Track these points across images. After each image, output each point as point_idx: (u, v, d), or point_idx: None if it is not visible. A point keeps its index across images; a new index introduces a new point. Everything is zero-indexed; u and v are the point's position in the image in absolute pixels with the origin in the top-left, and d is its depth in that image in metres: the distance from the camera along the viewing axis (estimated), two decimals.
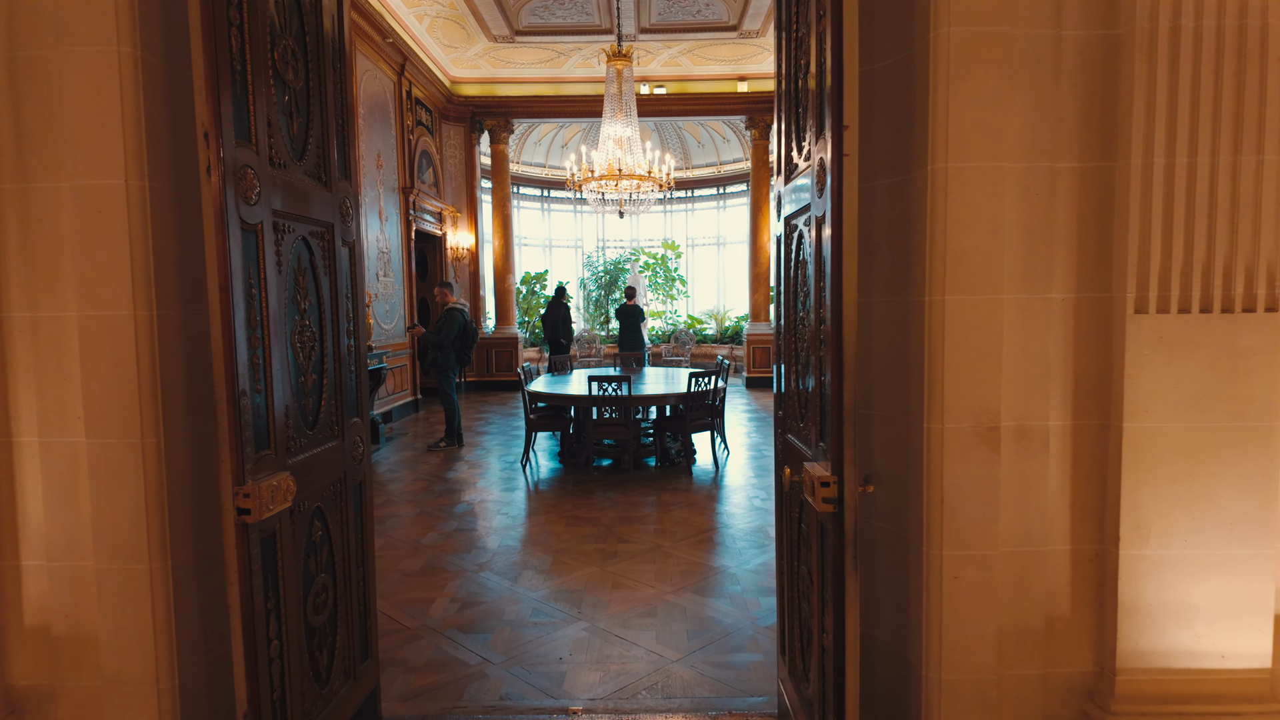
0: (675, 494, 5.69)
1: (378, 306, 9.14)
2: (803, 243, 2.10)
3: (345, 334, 2.37)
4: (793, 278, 2.23)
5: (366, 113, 8.92)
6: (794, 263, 2.20)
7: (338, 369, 2.31)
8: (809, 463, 1.94)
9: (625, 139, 7.20)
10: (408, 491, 5.92)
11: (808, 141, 1.98)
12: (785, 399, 2.34)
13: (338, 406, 2.32)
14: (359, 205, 2.48)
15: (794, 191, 2.14)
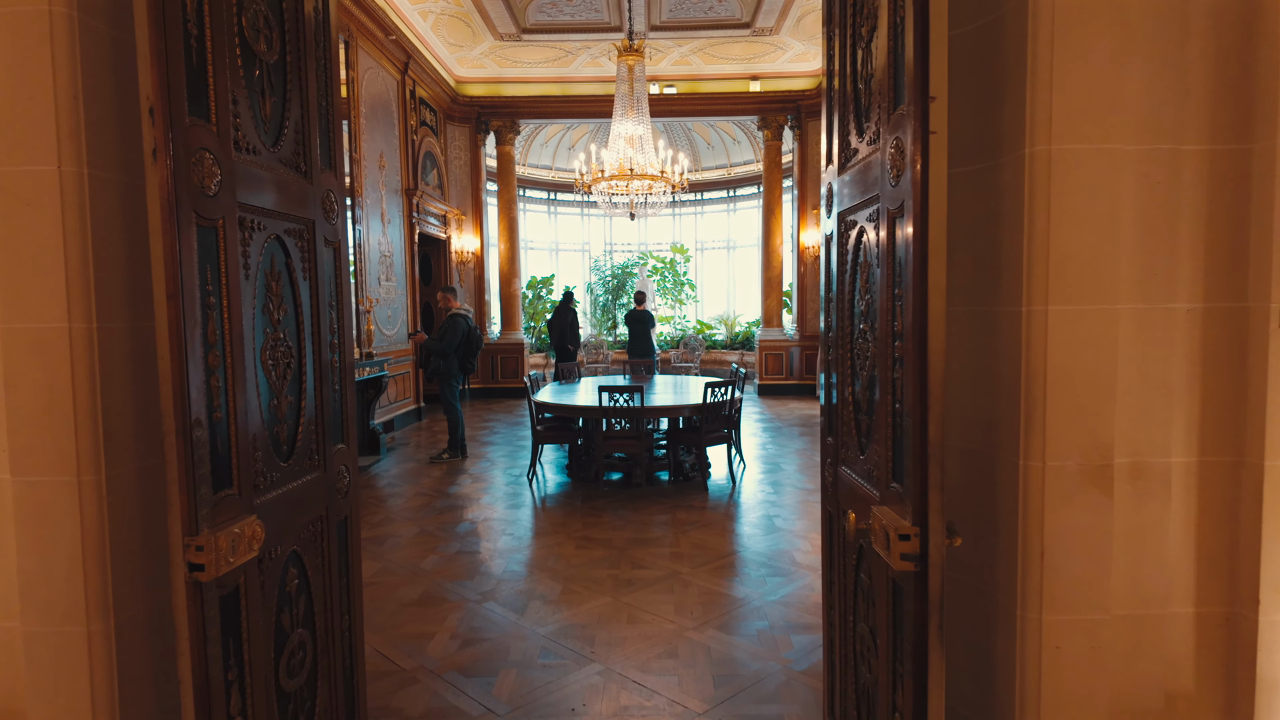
0: (690, 512, 5.36)
1: (379, 312, 8.85)
2: (863, 241, 1.78)
3: (328, 348, 2.05)
4: (848, 281, 1.91)
5: (368, 112, 8.65)
6: (851, 264, 1.87)
7: (319, 389, 2.00)
8: (878, 507, 1.61)
9: (637, 137, 6.90)
10: (408, 508, 5.60)
11: (874, 120, 1.66)
12: (837, 422, 2.02)
13: (319, 433, 2.01)
14: (345, 200, 2.17)
15: (853, 181, 1.82)
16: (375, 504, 5.75)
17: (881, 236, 1.62)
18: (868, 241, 1.74)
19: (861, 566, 1.85)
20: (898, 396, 1.55)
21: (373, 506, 5.67)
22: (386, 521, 5.24)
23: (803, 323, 12.21)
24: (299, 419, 1.92)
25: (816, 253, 11.97)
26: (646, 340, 10.49)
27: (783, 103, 11.90)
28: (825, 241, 2.09)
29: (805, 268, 12.18)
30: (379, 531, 4.99)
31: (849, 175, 1.86)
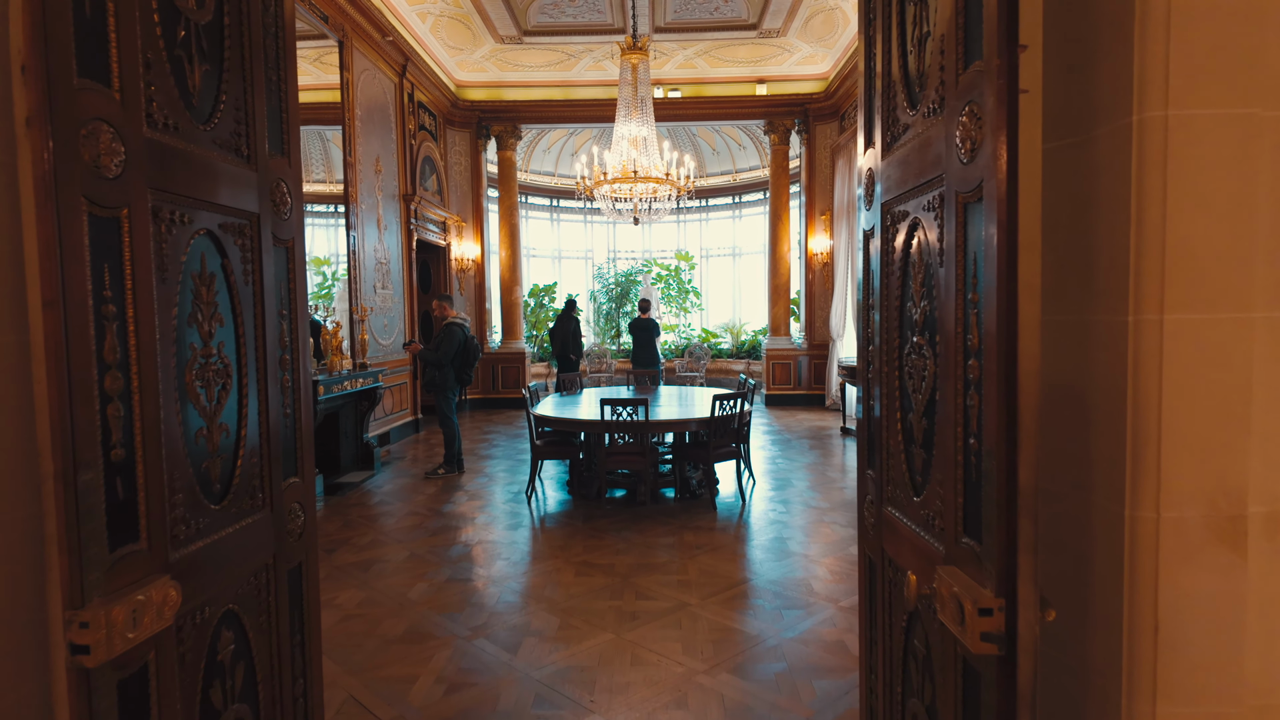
0: (698, 534, 5.02)
1: (375, 321, 8.55)
2: (917, 235, 1.46)
3: (279, 365, 1.74)
4: (895, 283, 1.59)
5: (364, 115, 8.38)
6: (899, 263, 1.56)
7: (265, 414, 1.69)
8: (945, 567, 1.28)
9: (641, 139, 6.61)
10: (399, 529, 5.28)
11: (933, 86, 1.35)
12: (880, 453, 1.69)
13: (264, 466, 1.69)
14: (301, 192, 1.86)
15: (903, 164, 1.50)
16: (365, 523, 5.44)
17: (946, 228, 1.30)
18: (924, 235, 1.42)
19: (914, 630, 1.52)
20: (971, 429, 1.23)
21: (362, 526, 5.35)
22: (375, 544, 4.92)
23: (811, 331, 11.88)
24: (238, 451, 1.60)
25: (825, 259, 11.66)
26: (651, 349, 10.17)
27: (790, 106, 11.62)
28: (864, 238, 1.77)
29: (813, 275, 11.86)
30: (366, 555, 4.67)
31: (897, 157, 1.55)
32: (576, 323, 10.80)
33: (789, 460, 7.57)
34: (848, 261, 10.41)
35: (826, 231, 11.60)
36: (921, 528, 1.45)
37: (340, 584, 4.18)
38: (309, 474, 1.88)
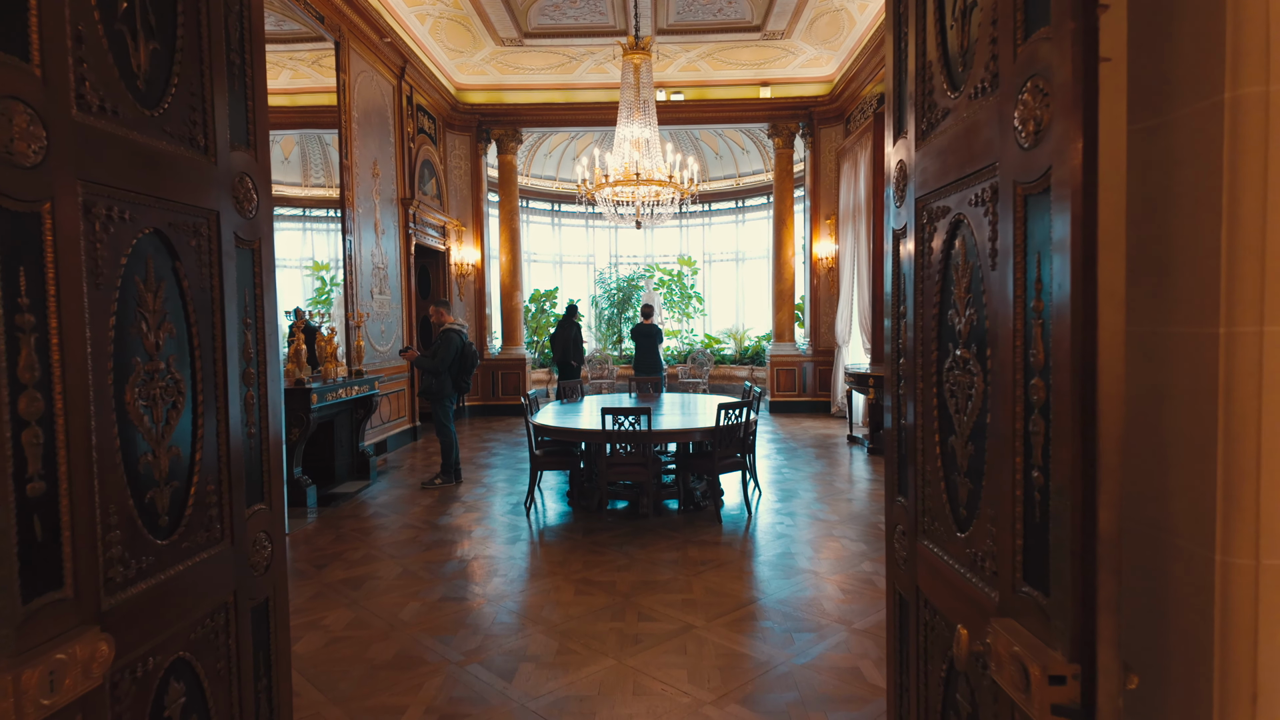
0: (703, 548, 4.83)
1: (372, 327, 8.39)
2: (960, 233, 1.28)
3: (242, 380, 1.57)
4: (933, 289, 1.41)
5: (361, 117, 8.24)
6: (940, 265, 1.38)
7: (224, 435, 1.51)
8: (1001, 620, 1.10)
9: (643, 141, 6.44)
10: (392, 543, 5.10)
11: (980, 64, 1.17)
12: (913, 477, 1.51)
13: (224, 492, 1.51)
14: (269, 189, 1.69)
15: (944, 154, 1.32)
16: (359, 537, 5.25)
17: (1001, 225, 1.12)
18: (970, 234, 1.24)
19: (956, 684, 1.33)
20: (1034, 460, 1.05)
21: (355, 540, 5.17)
22: (368, 559, 4.74)
23: (816, 337, 11.70)
24: (191, 477, 1.43)
25: (830, 264, 11.48)
26: (654, 356, 10.00)
27: (794, 109, 11.46)
28: (894, 239, 1.59)
29: (818, 280, 11.68)
30: (358, 572, 4.49)
31: (934, 147, 1.37)
32: (578, 329, 10.62)
33: (795, 470, 7.38)
34: (854, 266, 10.23)
35: (832, 236, 11.42)
36: (967, 568, 1.26)
37: (329, 603, 4.00)
38: (277, 500, 1.70)
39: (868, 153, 9.46)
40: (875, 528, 5.23)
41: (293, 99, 8.22)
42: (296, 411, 6.14)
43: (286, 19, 7.25)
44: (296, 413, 6.14)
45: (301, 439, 6.18)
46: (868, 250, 9.50)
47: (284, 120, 8.12)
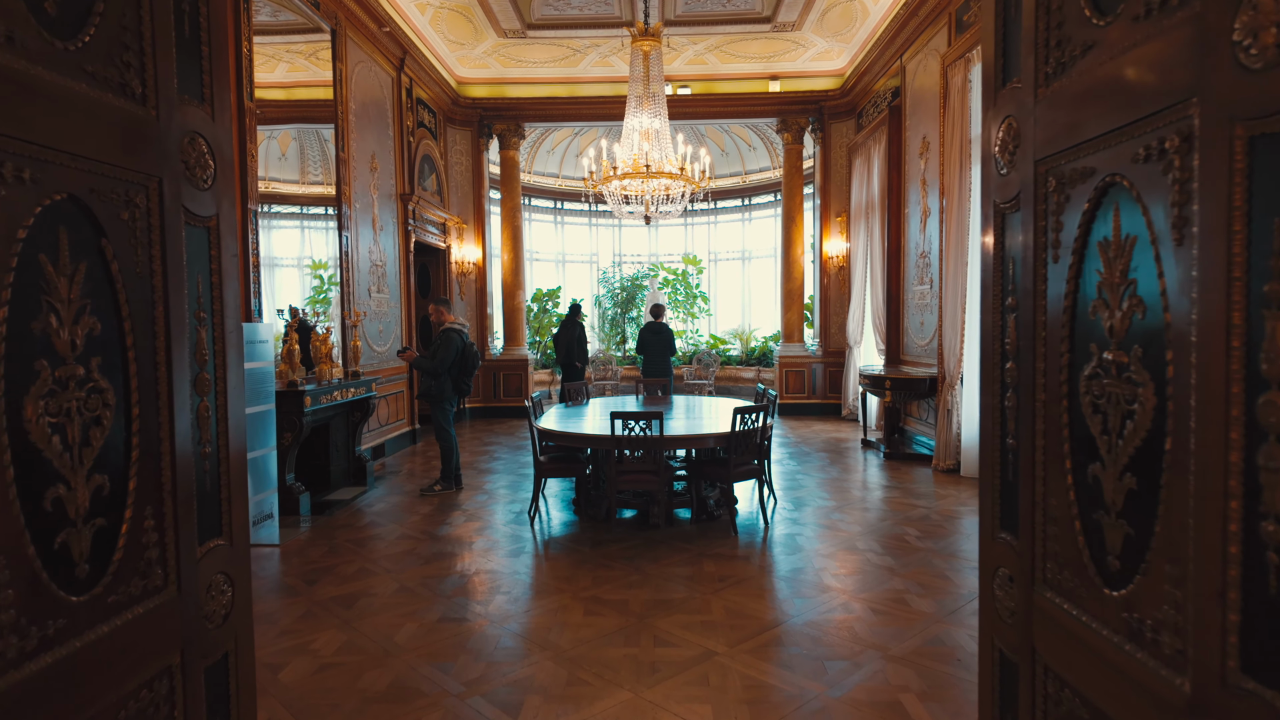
0: (719, 562, 4.53)
1: (369, 326, 8.10)
2: (1113, 200, 0.98)
3: (193, 387, 1.27)
4: (1065, 273, 1.11)
5: (358, 109, 7.95)
6: (1073, 243, 1.08)
7: (167, 457, 1.21)
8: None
9: (653, 131, 6.15)
10: (389, 555, 4.80)
11: None
12: (1029, 510, 1.21)
13: (166, 528, 1.22)
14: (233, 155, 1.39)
15: (1086, 98, 1.03)
16: (353, 548, 4.95)
17: (1204, 184, 0.82)
18: (1132, 200, 0.94)
19: None
20: (1263, 507, 0.75)
21: (349, 552, 4.87)
22: (362, 574, 4.44)
23: (826, 338, 11.40)
24: (123, 511, 1.13)
25: (840, 263, 11.18)
26: (664, 357, 9.69)
27: (804, 104, 11.17)
28: (994, 213, 1.29)
29: (828, 279, 11.39)
30: (351, 588, 4.19)
31: (1068, 92, 1.07)
32: (581, 328, 10.31)
33: (809, 476, 7.08)
34: (866, 265, 9.93)
35: (842, 234, 11.13)
36: (1124, 638, 0.96)
37: (320, 623, 3.70)
38: (239, 532, 1.40)
39: (881, 147, 9.17)
40: (900, 540, 4.93)
41: (289, 93, 7.92)
42: (289, 415, 5.85)
43: (282, 9, 6.96)
44: (289, 416, 5.85)
45: (294, 444, 5.89)
46: (881, 248, 9.20)
47: (280, 115, 7.82)
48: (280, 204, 7.66)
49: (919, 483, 6.65)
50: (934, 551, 4.67)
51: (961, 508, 5.74)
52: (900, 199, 8.83)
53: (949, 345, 7.03)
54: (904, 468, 7.37)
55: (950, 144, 7.02)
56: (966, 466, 6.80)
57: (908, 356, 8.69)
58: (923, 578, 4.22)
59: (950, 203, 7.00)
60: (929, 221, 7.94)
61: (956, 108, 6.90)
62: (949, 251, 7.01)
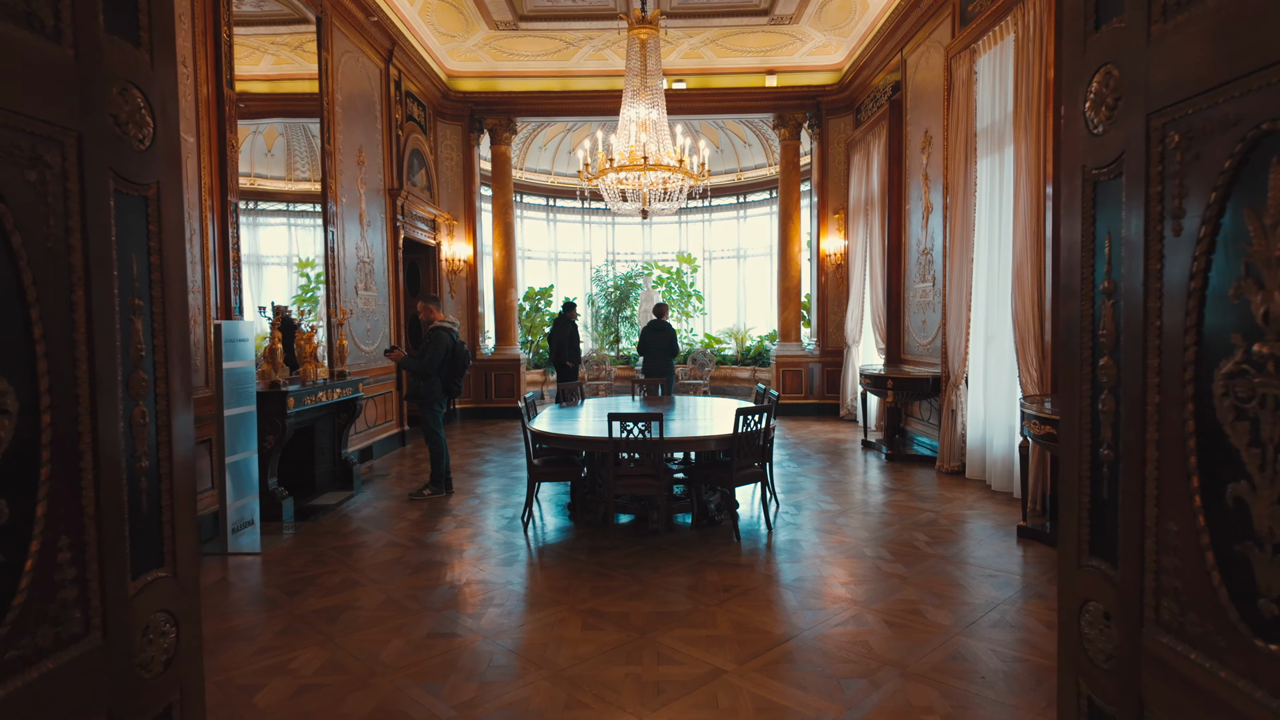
0: (723, 571, 4.33)
1: (356, 325, 7.85)
2: (1266, 150, 0.78)
3: (126, 389, 1.05)
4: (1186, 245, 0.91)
5: (345, 100, 7.70)
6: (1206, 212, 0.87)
7: (90, 475, 0.99)
8: None
9: (650, 123, 5.94)
10: (375, 565, 4.57)
11: None
12: (1134, 536, 1.00)
13: (89, 561, 1.00)
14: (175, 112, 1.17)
15: (1221, 34, 0.82)
16: (338, 557, 4.72)
17: None
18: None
19: None
20: None
21: (334, 561, 4.64)
22: (347, 584, 4.21)
23: (823, 337, 11.22)
24: (27, 544, 0.91)
25: (838, 261, 11.01)
26: (666, 358, 9.47)
27: (801, 99, 10.99)
28: (1084, 183, 1.08)
29: (825, 278, 11.21)
30: (335, 600, 3.96)
31: (1203, 24, 0.87)
32: (574, 327, 10.10)
33: (810, 478, 6.89)
34: (865, 262, 9.76)
35: (840, 231, 10.96)
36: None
37: (301, 639, 3.47)
38: (187, 560, 1.18)
39: (881, 143, 9.00)
40: (909, 546, 4.74)
41: (274, 85, 7.66)
42: (271, 417, 5.61)
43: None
44: (271, 418, 5.61)
45: (277, 447, 5.64)
46: (881, 245, 9.03)
47: (265, 108, 7.55)
48: (267, 201, 7.41)
49: (923, 485, 6.48)
50: (945, 558, 4.49)
51: (969, 511, 5.56)
52: (901, 195, 8.66)
53: (953, 344, 6.85)
54: (906, 469, 7.20)
55: (954, 138, 6.84)
56: (971, 468, 6.63)
57: (909, 355, 8.52)
58: (936, 586, 4.03)
59: (954, 198, 6.83)
60: (931, 218, 7.77)
61: (961, 101, 6.73)
62: (953, 248, 6.84)
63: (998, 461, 6.12)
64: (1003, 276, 6.13)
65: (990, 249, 6.35)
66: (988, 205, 6.40)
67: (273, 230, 7.58)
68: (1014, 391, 5.92)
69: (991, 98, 6.33)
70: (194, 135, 5.15)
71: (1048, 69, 5.21)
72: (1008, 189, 5.99)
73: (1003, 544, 4.77)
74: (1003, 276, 6.13)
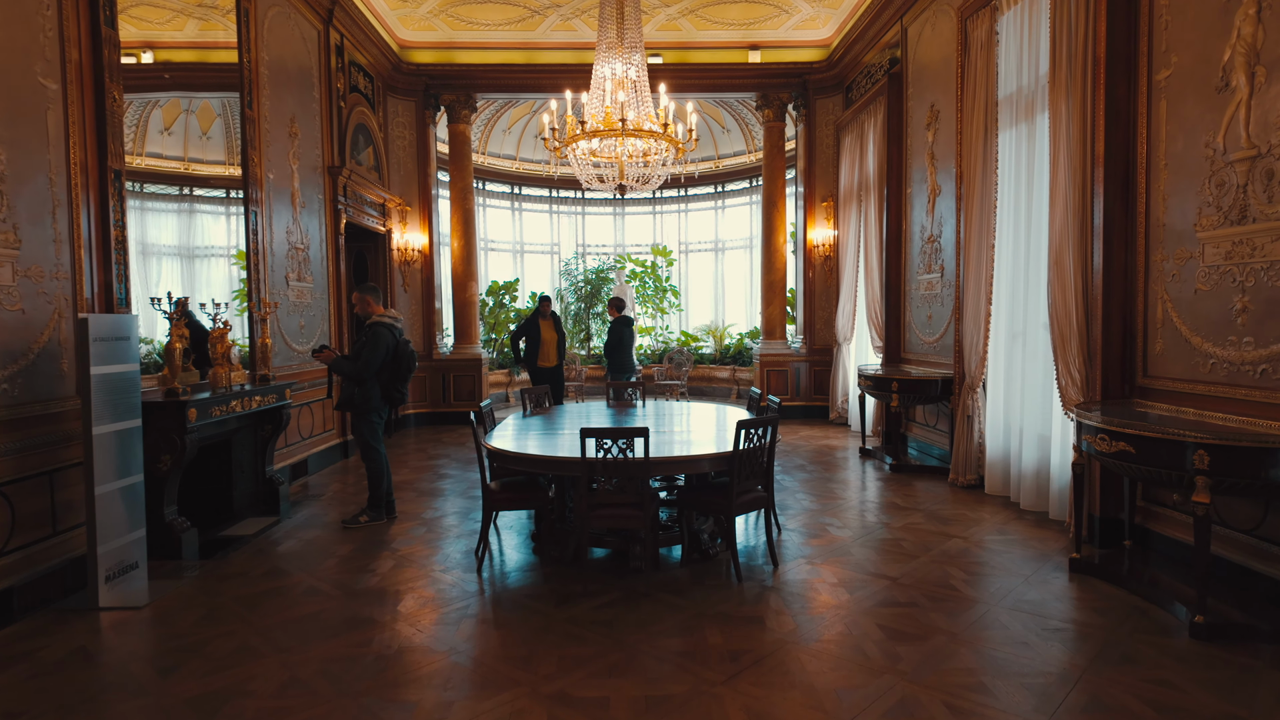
0: (727, 628, 3.45)
1: (287, 320, 6.80)
2: None
3: None
4: None
5: (274, 62, 6.65)
6: None
7: None
8: None
9: (629, 82, 5.03)
10: (283, 623, 3.59)
11: None
12: None
13: None
14: None
15: None
16: (239, 612, 3.73)
17: None
18: None
19: None
20: None
21: (232, 618, 3.65)
22: (243, 654, 3.23)
23: (810, 334, 10.44)
24: None
25: (826, 252, 10.23)
26: (631, 353, 8.62)
27: (786, 76, 10.18)
28: None
29: (813, 271, 10.43)
30: (221, 681, 2.98)
31: None
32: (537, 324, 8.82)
33: (809, 495, 6.07)
34: (859, 253, 8.98)
35: (829, 220, 10.18)
36: None
37: None
38: None
39: (878, 121, 8.22)
40: (946, 588, 3.92)
41: (203, 54, 6.53)
42: (167, 433, 4.59)
43: None
44: (167, 434, 4.59)
45: (175, 469, 4.62)
46: (878, 233, 8.25)
47: (193, 79, 6.43)
48: (204, 187, 6.31)
49: (939, 503, 5.69)
50: (993, 604, 3.68)
51: (1001, 537, 4.77)
52: (902, 177, 7.88)
53: (969, 341, 6.08)
54: (914, 482, 6.42)
55: (971, 109, 6.06)
56: (992, 483, 5.87)
57: (911, 354, 7.76)
58: (995, 646, 3.20)
59: (970, 177, 6.05)
60: (939, 201, 7.00)
61: (979, 67, 5.94)
62: (969, 233, 6.06)
63: (1027, 477, 5.35)
64: (1033, 264, 5.36)
65: (1016, 233, 5.58)
66: (1012, 183, 5.62)
67: (209, 218, 6.47)
68: (1049, 396, 5.15)
69: (1017, 61, 5.55)
70: (56, 81, 4.10)
71: (1098, 20, 4.42)
72: (1040, 164, 5.22)
73: (1055, 582, 3.98)
74: (1033, 264, 5.36)
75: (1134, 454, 3.45)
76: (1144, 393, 4.32)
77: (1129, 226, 4.40)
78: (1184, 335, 4.00)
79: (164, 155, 5.84)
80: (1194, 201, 3.90)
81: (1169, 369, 4.12)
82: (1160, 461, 3.34)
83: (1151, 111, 4.21)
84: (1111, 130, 4.40)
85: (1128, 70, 4.35)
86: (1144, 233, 4.29)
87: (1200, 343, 3.88)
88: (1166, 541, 4.22)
